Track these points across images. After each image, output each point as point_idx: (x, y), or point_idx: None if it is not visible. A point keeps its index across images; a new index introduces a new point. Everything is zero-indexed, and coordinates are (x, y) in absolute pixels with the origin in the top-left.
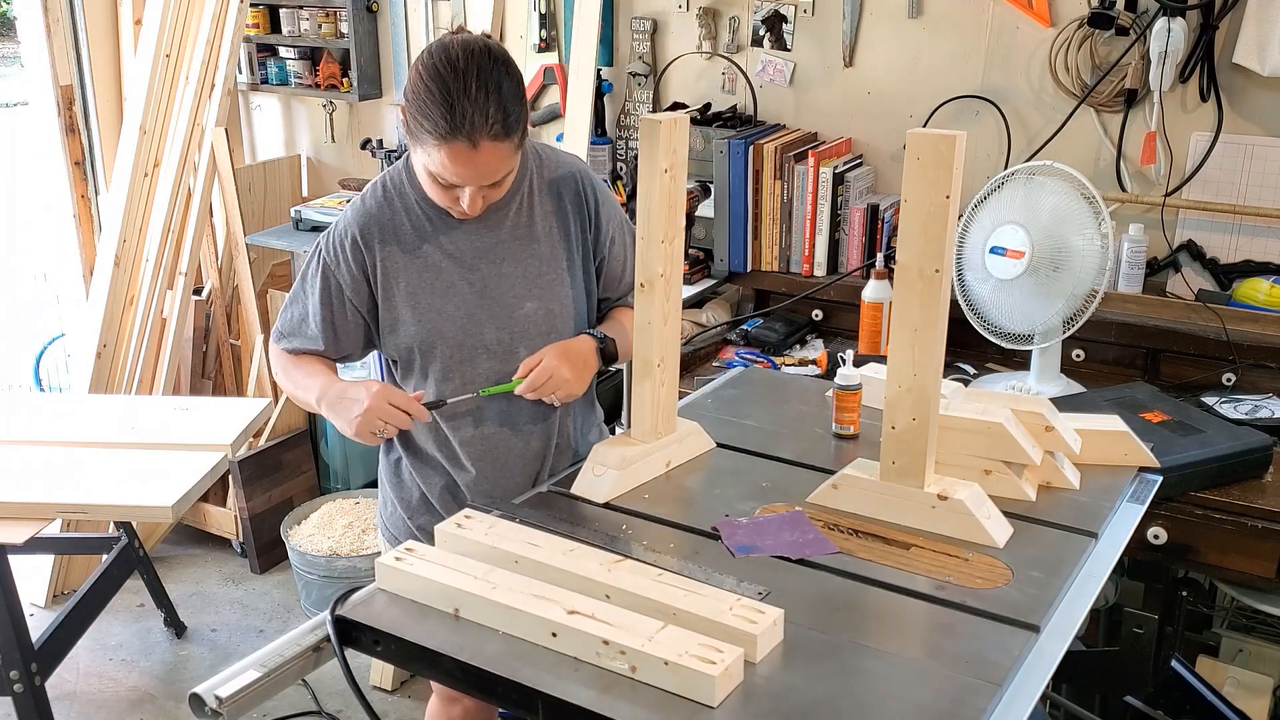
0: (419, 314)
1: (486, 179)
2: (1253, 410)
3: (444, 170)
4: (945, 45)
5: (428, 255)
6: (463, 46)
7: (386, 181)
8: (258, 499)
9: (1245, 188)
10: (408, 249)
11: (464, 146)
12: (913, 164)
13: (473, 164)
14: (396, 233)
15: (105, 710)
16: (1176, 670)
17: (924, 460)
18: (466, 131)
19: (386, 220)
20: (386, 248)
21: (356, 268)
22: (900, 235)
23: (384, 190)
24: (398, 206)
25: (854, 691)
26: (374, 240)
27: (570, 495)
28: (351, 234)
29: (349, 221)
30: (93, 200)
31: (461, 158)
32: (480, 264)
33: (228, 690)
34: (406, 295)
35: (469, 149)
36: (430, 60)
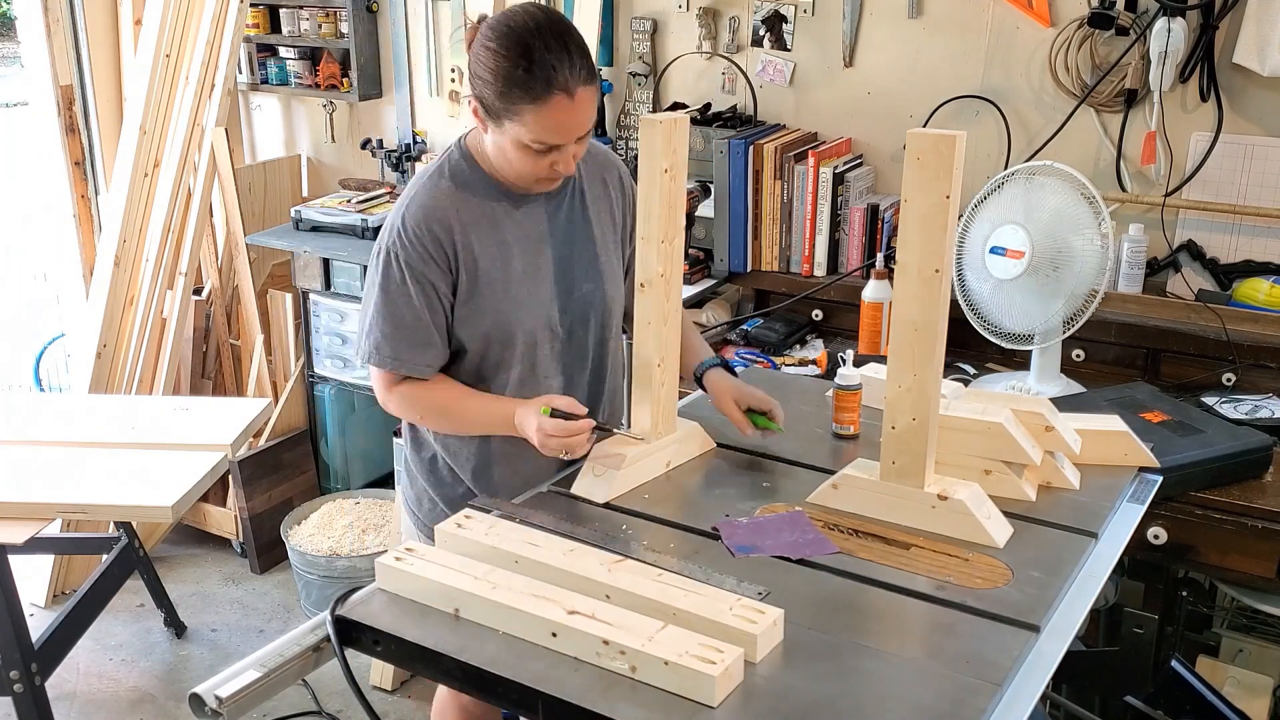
0: (498, 300)
1: (584, 128)
2: (1253, 410)
3: (545, 131)
4: (945, 45)
5: (501, 241)
6: (521, 14)
7: (445, 171)
8: (258, 499)
9: (1245, 188)
10: (483, 235)
11: (563, 99)
12: (913, 164)
13: (573, 114)
14: (471, 220)
15: (105, 710)
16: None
17: (924, 460)
18: (561, 84)
19: (459, 208)
20: (465, 235)
21: (442, 262)
22: (900, 235)
23: (447, 179)
24: (466, 196)
25: (854, 691)
26: (453, 229)
27: (570, 495)
28: (429, 228)
29: (418, 218)
30: (93, 200)
31: (563, 110)
32: (545, 247)
33: (228, 690)
34: (486, 282)
35: (568, 100)
36: (498, 35)
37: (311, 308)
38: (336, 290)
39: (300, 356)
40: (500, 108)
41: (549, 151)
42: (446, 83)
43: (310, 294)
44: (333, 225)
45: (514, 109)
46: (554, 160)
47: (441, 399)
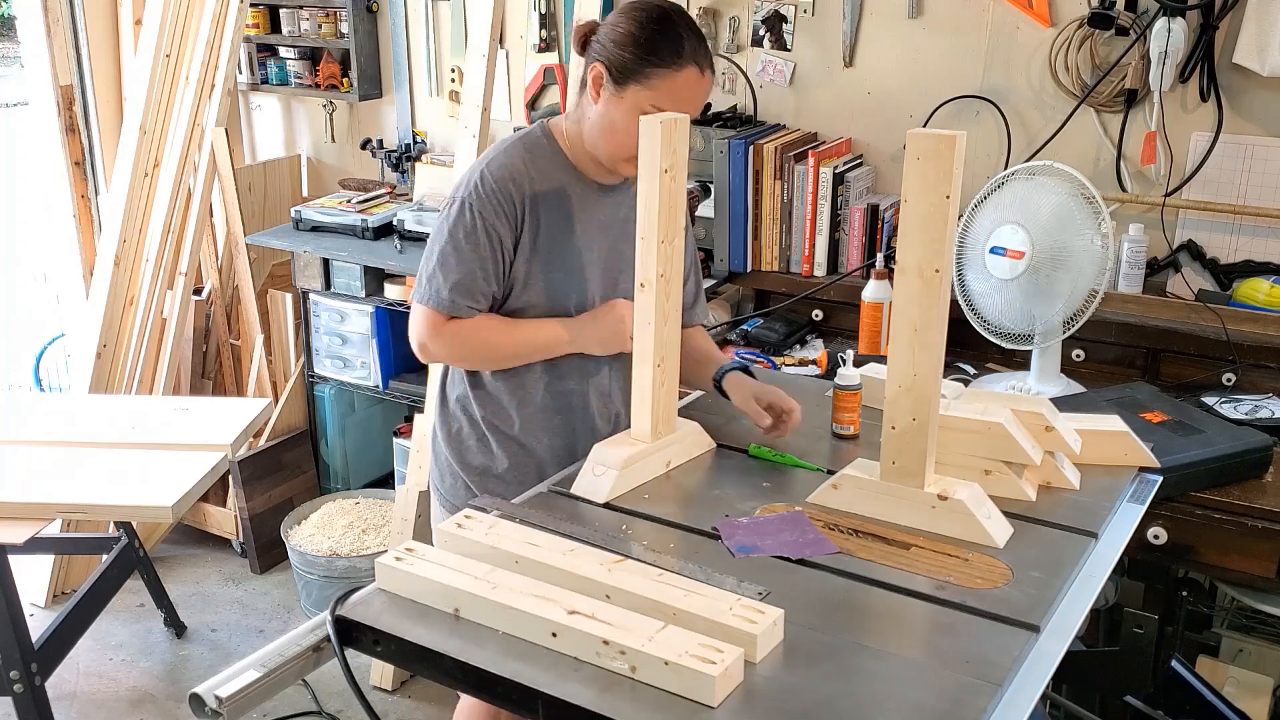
0: (549, 274)
1: (699, 109)
2: (1253, 410)
3: (672, 99)
4: (945, 45)
5: (565, 218)
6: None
7: (525, 143)
8: (258, 499)
9: (1245, 188)
10: (551, 208)
11: (695, 72)
12: (913, 164)
13: (700, 90)
14: (543, 190)
15: (105, 710)
16: (1176, 670)
17: (924, 460)
18: (697, 58)
19: (534, 177)
20: (535, 203)
21: (512, 218)
22: (900, 235)
23: (527, 150)
24: (543, 168)
25: (854, 692)
26: (526, 193)
27: (570, 495)
28: (505, 186)
29: (498, 175)
30: (93, 200)
31: (694, 83)
32: (602, 237)
33: (228, 690)
34: (543, 254)
35: (698, 74)
36: (638, 9)
37: (311, 308)
38: (336, 290)
39: (300, 356)
40: (634, 70)
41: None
42: (446, 83)
43: (310, 294)
44: (333, 225)
45: (649, 72)
46: None
47: (492, 328)
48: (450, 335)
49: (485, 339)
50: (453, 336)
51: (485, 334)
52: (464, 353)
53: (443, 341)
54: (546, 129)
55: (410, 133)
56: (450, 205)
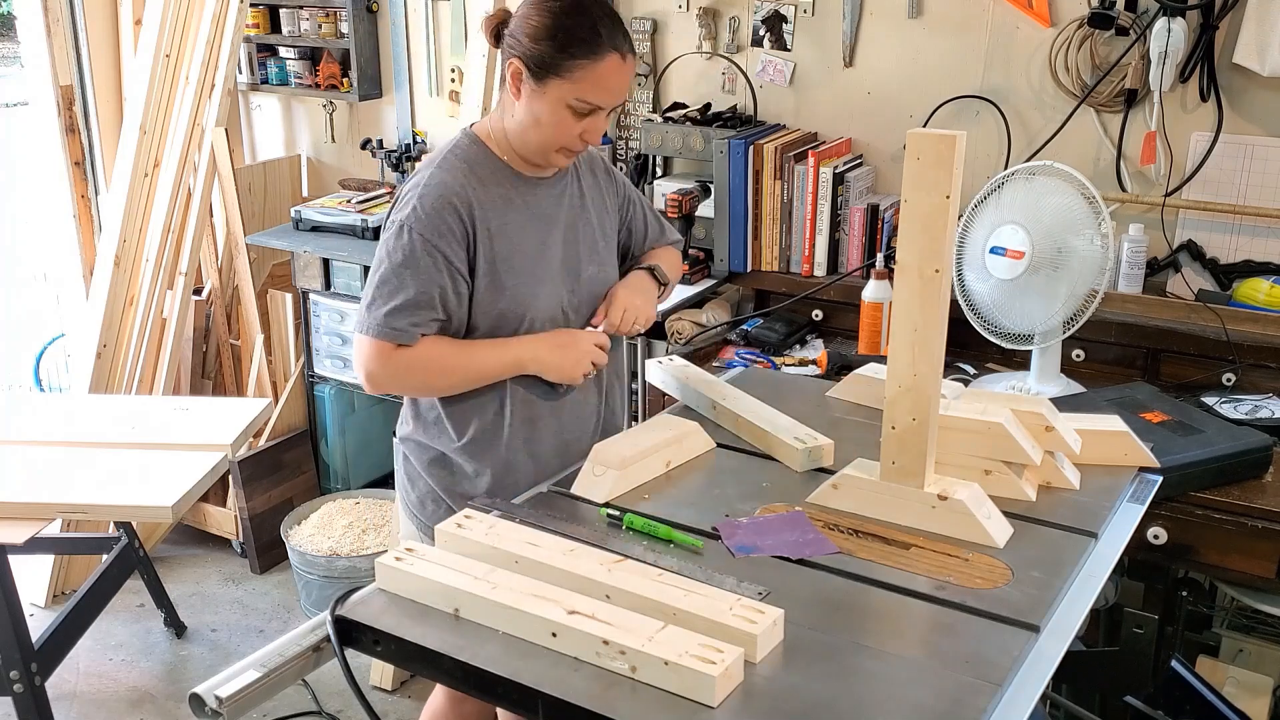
0: (518, 278)
1: (624, 95)
2: (1253, 410)
3: (595, 89)
4: (945, 45)
5: (514, 221)
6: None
7: (457, 153)
8: (258, 499)
9: (1245, 188)
10: (498, 215)
11: (616, 59)
12: (913, 164)
13: (623, 75)
14: (486, 200)
15: (105, 710)
16: (1176, 670)
17: (924, 460)
18: (616, 44)
19: (475, 187)
20: (483, 213)
21: (460, 238)
22: (900, 235)
23: (460, 160)
24: (481, 174)
25: (854, 691)
26: (472, 206)
27: (570, 495)
28: (448, 202)
29: (438, 192)
30: (93, 200)
31: (615, 69)
32: (554, 229)
33: (228, 690)
34: (504, 260)
35: (620, 60)
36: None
37: (311, 308)
38: (336, 290)
39: (300, 356)
40: (553, 63)
41: (585, 116)
42: (446, 83)
43: (310, 294)
44: (333, 225)
45: (569, 64)
46: (585, 128)
47: (442, 353)
48: (401, 364)
49: (436, 364)
50: (404, 365)
51: (436, 360)
52: (415, 381)
53: (390, 370)
54: (473, 135)
55: (410, 133)
56: (389, 230)
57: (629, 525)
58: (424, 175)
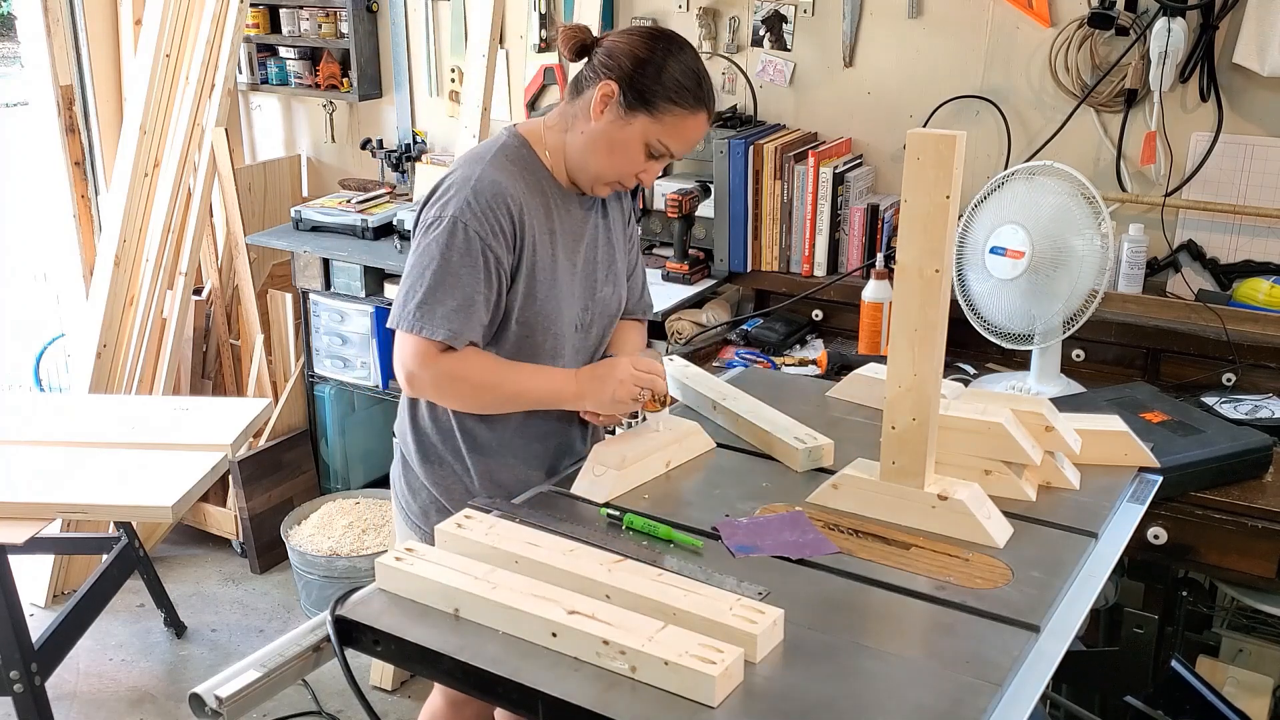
0: (545, 286)
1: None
2: (1253, 410)
3: (676, 139)
4: (945, 45)
5: (550, 230)
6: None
7: (506, 153)
8: (258, 499)
9: (1245, 188)
10: (539, 221)
11: (704, 118)
12: (913, 164)
13: (702, 133)
14: (530, 204)
15: (105, 710)
16: (1176, 670)
17: (924, 460)
18: (708, 103)
19: (524, 191)
20: (528, 217)
21: (509, 238)
22: (900, 235)
23: (511, 163)
24: (528, 180)
25: (854, 692)
26: (523, 208)
27: (570, 495)
28: (503, 201)
29: (492, 189)
30: (93, 200)
31: (699, 128)
32: (580, 245)
33: (228, 690)
34: (541, 266)
35: (705, 121)
36: (656, 35)
37: (311, 308)
38: (336, 290)
39: (300, 356)
40: (650, 100)
41: (655, 159)
42: (446, 83)
43: (310, 294)
44: (333, 225)
45: (666, 106)
46: (648, 169)
47: (486, 367)
48: (445, 370)
49: (482, 378)
50: (447, 371)
51: (482, 373)
52: (456, 391)
53: (434, 375)
54: (521, 137)
55: (410, 133)
56: (437, 223)
57: (629, 525)
58: (473, 170)
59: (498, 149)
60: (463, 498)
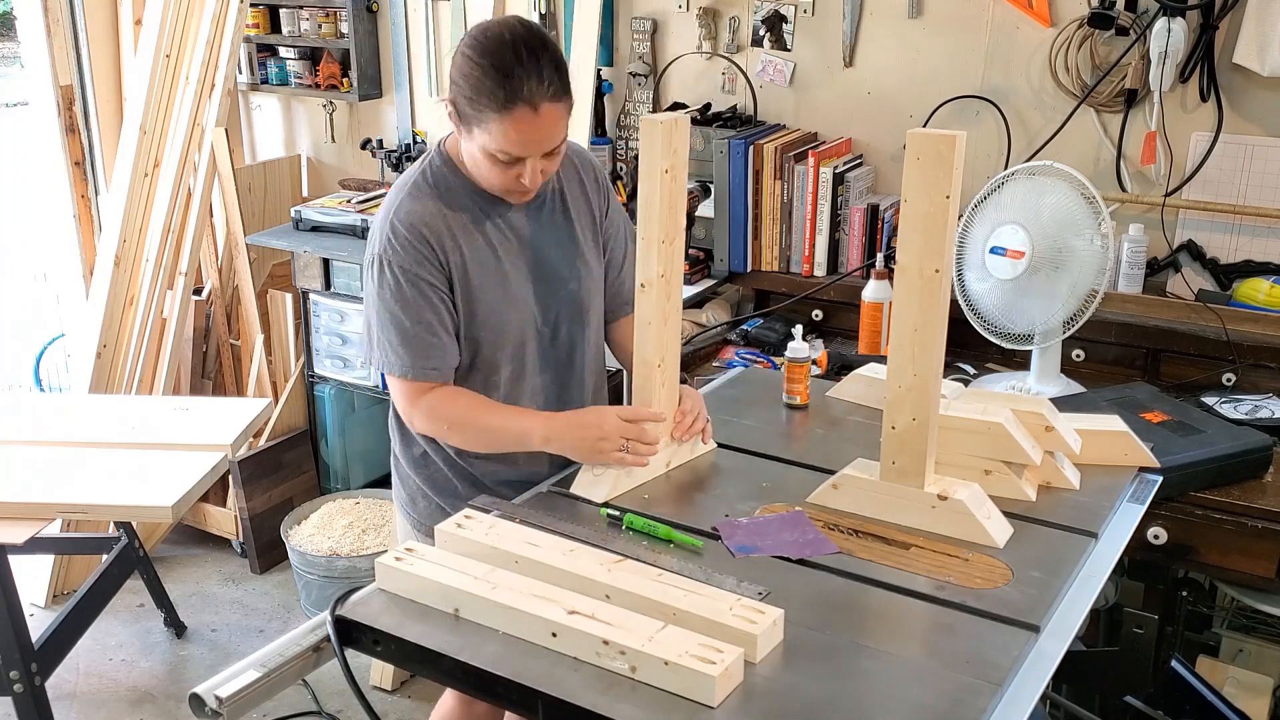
0: (490, 303)
1: (548, 144)
2: (1253, 410)
3: (508, 142)
4: (945, 45)
5: (486, 244)
6: (500, 25)
7: (425, 177)
8: (258, 499)
9: (1245, 188)
10: (469, 237)
11: (526, 111)
12: (913, 164)
13: (536, 128)
14: (457, 223)
15: (105, 710)
16: (1176, 670)
17: (924, 460)
18: (526, 96)
19: (443, 213)
20: (453, 239)
21: (435, 263)
22: (900, 235)
23: (428, 185)
24: (449, 199)
25: (854, 691)
26: (443, 233)
27: (571, 495)
28: (419, 231)
29: (410, 221)
30: (93, 200)
31: (526, 123)
32: (528, 248)
33: (228, 690)
34: (477, 286)
35: (531, 113)
36: (474, 43)
37: (311, 308)
38: (336, 290)
39: (300, 356)
40: (470, 114)
41: (514, 163)
42: (446, 83)
43: (310, 294)
44: (333, 225)
45: (481, 116)
46: (519, 173)
47: (466, 409)
48: (425, 408)
49: (458, 418)
50: (427, 409)
51: (457, 413)
52: (438, 429)
53: (420, 413)
54: (445, 154)
55: (410, 133)
56: (370, 266)
57: (629, 525)
58: (392, 203)
59: (419, 174)
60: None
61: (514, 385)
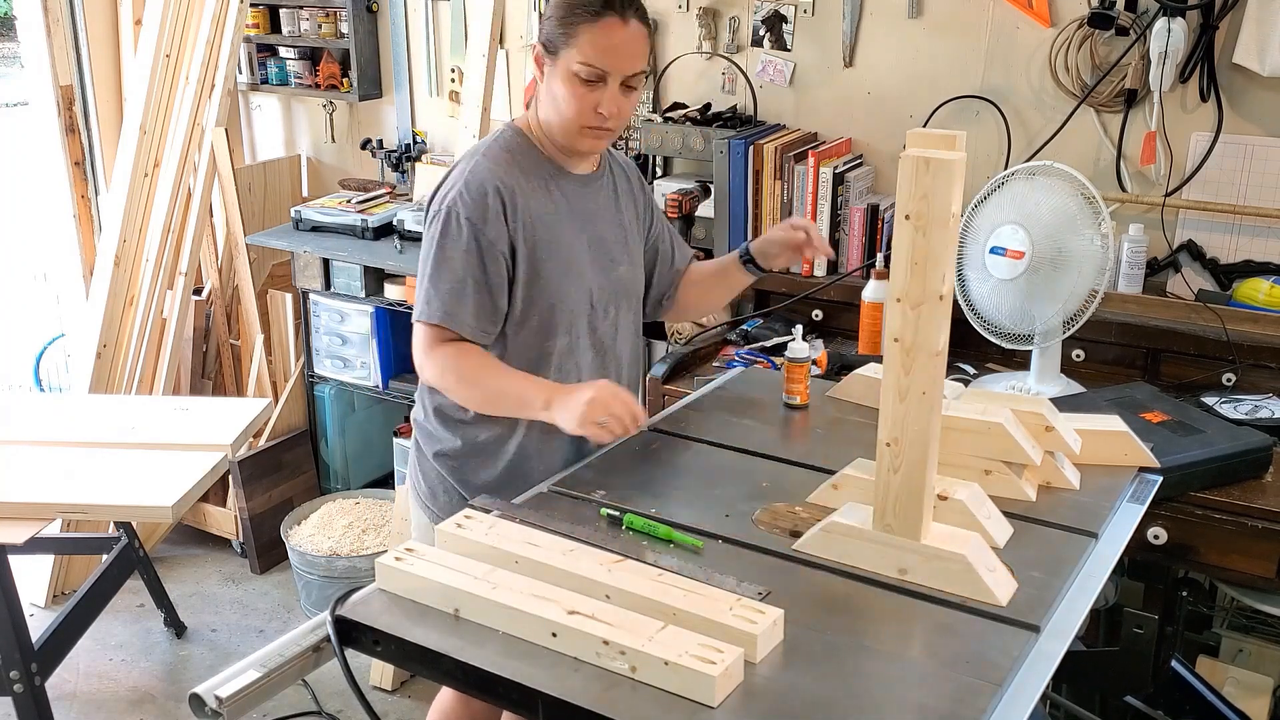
0: (553, 269)
1: (630, 65)
2: (1253, 410)
3: (597, 52)
4: (945, 45)
5: (553, 210)
6: None
7: (501, 144)
8: (258, 499)
9: (1245, 188)
10: (539, 202)
11: (616, 21)
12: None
13: (625, 39)
14: (528, 187)
15: (105, 710)
16: (1176, 670)
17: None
18: (617, 7)
19: (518, 175)
20: (526, 200)
21: (501, 222)
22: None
23: (506, 152)
24: (525, 166)
25: (854, 691)
26: (516, 193)
27: (571, 495)
28: (493, 185)
29: (481, 177)
30: (93, 200)
31: (616, 32)
32: (590, 224)
33: (228, 690)
34: (544, 249)
35: (620, 24)
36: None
37: (311, 308)
38: (336, 290)
39: (300, 356)
40: (559, 34)
41: (594, 86)
42: (446, 83)
43: (310, 294)
44: (333, 225)
45: (571, 31)
46: (598, 100)
47: (477, 367)
48: (439, 357)
49: (468, 374)
50: (441, 359)
51: (469, 369)
52: (447, 382)
53: (432, 361)
54: (516, 128)
55: (410, 133)
56: (435, 216)
57: (629, 525)
58: (468, 164)
59: (493, 141)
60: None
61: (566, 357)
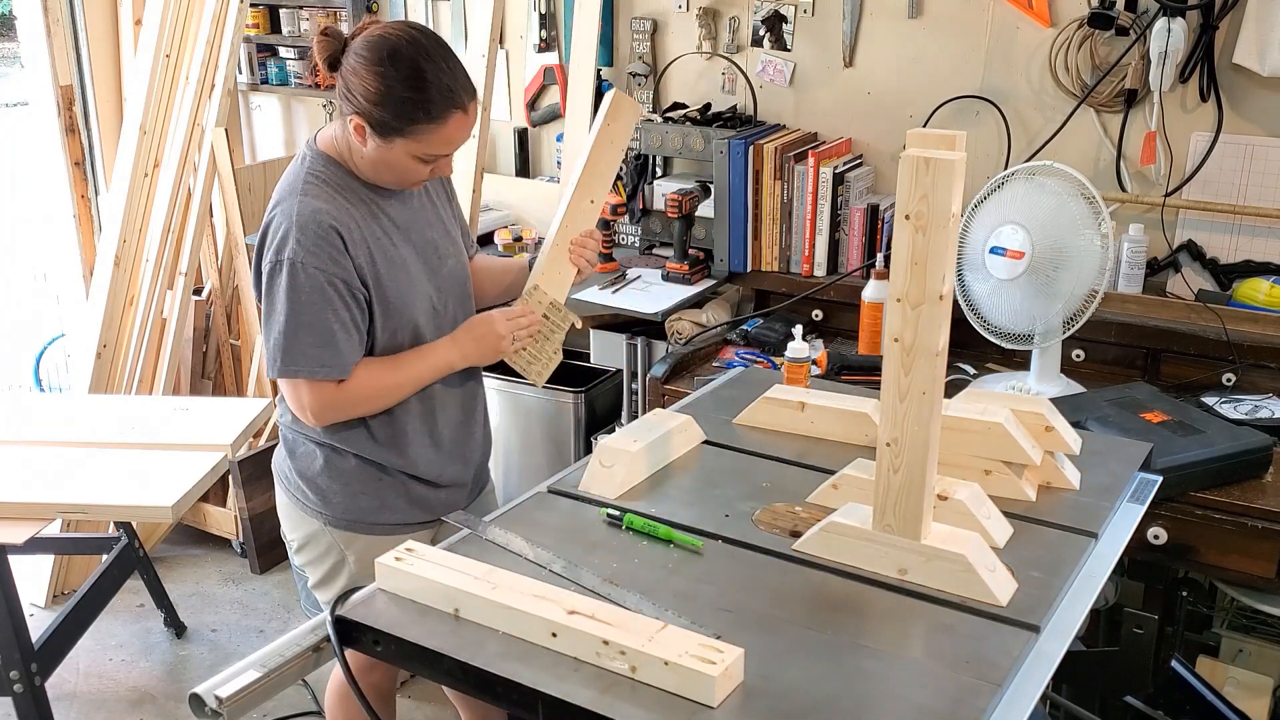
0: (397, 289)
1: (467, 135)
2: (1253, 410)
3: (441, 144)
4: (945, 45)
5: (383, 233)
6: (400, 34)
7: (316, 178)
8: (258, 499)
9: (1245, 188)
10: (368, 228)
11: (459, 115)
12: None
13: (466, 126)
14: (356, 221)
15: (105, 710)
16: (1176, 670)
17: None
18: (458, 100)
19: (344, 205)
20: (359, 232)
21: (346, 258)
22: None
23: (322, 184)
24: (344, 193)
25: (854, 692)
26: (349, 228)
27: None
28: (328, 224)
29: (316, 219)
30: (93, 200)
31: (459, 125)
32: (415, 231)
33: (228, 690)
34: (385, 274)
35: (463, 115)
36: (380, 59)
37: None
38: None
39: None
40: (393, 127)
41: (434, 161)
42: None
43: None
44: None
45: (412, 129)
46: (434, 169)
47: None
48: (341, 399)
49: (377, 388)
50: (344, 400)
51: (376, 384)
52: (360, 409)
53: (337, 405)
54: (323, 154)
55: None
56: (276, 269)
57: (629, 525)
58: (290, 206)
59: (305, 175)
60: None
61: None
